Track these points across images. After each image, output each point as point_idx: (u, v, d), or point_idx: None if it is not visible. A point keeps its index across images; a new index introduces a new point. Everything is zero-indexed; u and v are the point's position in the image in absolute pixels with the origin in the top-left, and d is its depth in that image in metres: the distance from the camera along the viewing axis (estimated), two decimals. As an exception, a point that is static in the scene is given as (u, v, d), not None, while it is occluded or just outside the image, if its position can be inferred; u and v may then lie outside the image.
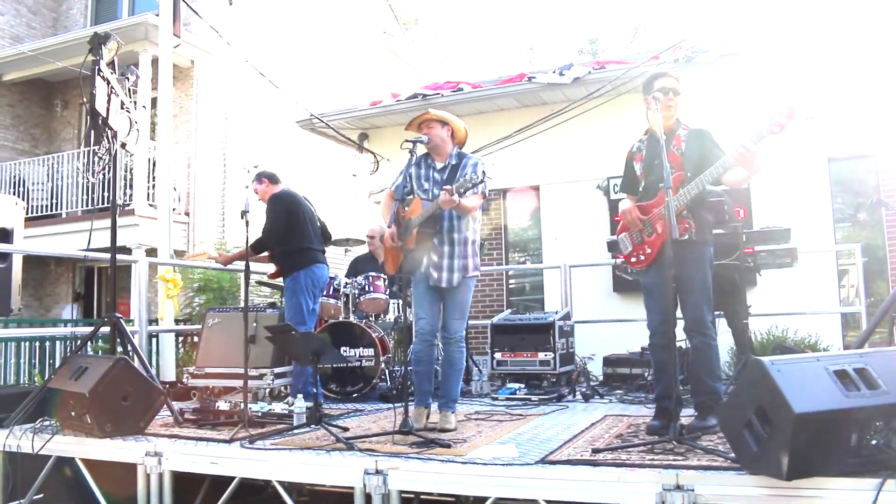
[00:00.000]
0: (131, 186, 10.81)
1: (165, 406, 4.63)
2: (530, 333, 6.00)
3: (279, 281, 5.77)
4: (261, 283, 7.87)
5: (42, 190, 11.75)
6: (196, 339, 7.48)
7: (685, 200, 3.81)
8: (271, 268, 5.61)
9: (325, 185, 13.41)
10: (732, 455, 3.09)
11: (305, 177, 12.07)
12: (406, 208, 4.04)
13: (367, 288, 6.21)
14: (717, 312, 4.81)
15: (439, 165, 4.31)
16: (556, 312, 6.27)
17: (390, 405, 5.31)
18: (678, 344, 4.14)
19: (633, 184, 4.12)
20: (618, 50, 24.34)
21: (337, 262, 11.33)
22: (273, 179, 5.47)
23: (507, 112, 9.33)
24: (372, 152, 10.22)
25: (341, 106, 10.88)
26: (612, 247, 5.73)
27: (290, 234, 5.28)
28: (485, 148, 8.77)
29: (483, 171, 3.92)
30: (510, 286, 9.66)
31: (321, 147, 13.03)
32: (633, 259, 4.01)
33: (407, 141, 4.17)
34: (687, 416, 4.05)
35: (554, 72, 8.72)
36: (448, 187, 3.91)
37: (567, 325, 6.20)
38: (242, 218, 4.51)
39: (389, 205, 4.37)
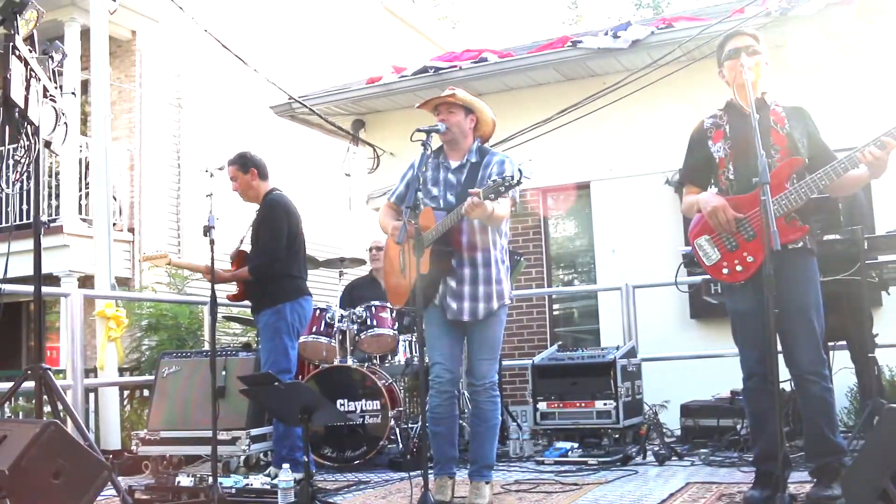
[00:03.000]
0: (58, 196, 10.92)
1: (110, 483, 4.63)
2: (584, 376, 5.98)
3: (245, 305, 5.79)
4: (230, 319, 7.89)
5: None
6: (147, 393, 7.49)
7: (800, 197, 3.77)
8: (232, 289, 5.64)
9: (310, 189, 13.50)
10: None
11: (285, 178, 12.12)
12: (413, 222, 4.05)
13: (368, 322, 6.21)
14: (830, 343, 4.75)
15: (454, 164, 4.33)
16: (617, 348, 6.23)
17: (404, 475, 5.28)
18: (781, 385, 4.08)
19: (704, 172, 4.08)
20: (689, 3, 24.34)
21: (328, 288, 11.38)
22: (263, 171, 5.53)
23: (546, 88, 9.33)
24: (370, 144, 10.25)
25: (329, 85, 10.95)
26: (690, 261, 5.69)
27: (287, 254, 5.33)
28: (517, 136, 8.79)
29: (519, 170, 3.93)
30: (554, 314, 9.63)
31: (305, 140, 13.11)
32: (723, 271, 3.95)
33: (419, 130, 4.17)
34: (797, 482, 3.98)
35: (606, 33, 8.74)
36: (476, 190, 3.91)
37: (632, 364, 6.16)
38: (206, 235, 4.51)
39: (389, 217, 4.40)
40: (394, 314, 6.28)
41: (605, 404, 5.88)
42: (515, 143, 8.78)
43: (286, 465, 4.58)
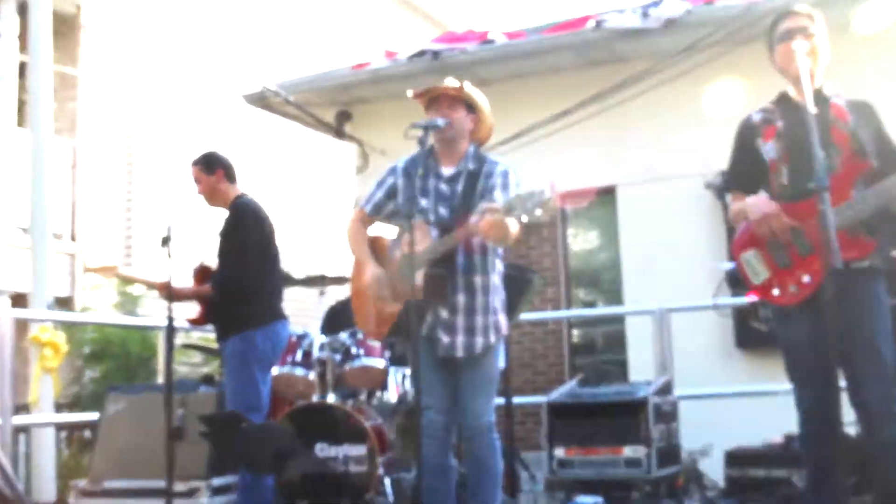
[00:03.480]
0: (-12, 200, 10.94)
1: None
2: (609, 417, 5.96)
3: (208, 329, 5.78)
4: (190, 347, 7.87)
5: None
6: (89, 435, 7.47)
7: (866, 207, 3.76)
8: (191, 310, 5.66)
9: (286, 193, 13.50)
10: None
11: (257, 181, 12.13)
12: (393, 241, 4.08)
13: (354, 350, 6.20)
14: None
15: (447, 171, 4.36)
16: (649, 383, 6.21)
17: (394, 534, 5.27)
18: (846, 429, 4.07)
19: (752, 175, 4.07)
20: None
21: (307, 310, 11.33)
22: (230, 173, 5.56)
23: (564, 75, 9.34)
24: (357, 141, 10.27)
25: (310, 71, 10.99)
26: (734, 280, 5.68)
27: (258, 270, 5.34)
28: (529, 130, 8.80)
29: (543, 194, 3.90)
30: (574, 341, 9.61)
31: (281, 136, 13.14)
32: (774, 292, 3.94)
33: (415, 126, 4.19)
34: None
35: (634, 11, 8.76)
36: (494, 204, 3.93)
37: (667, 402, 6.14)
38: (164, 246, 4.52)
39: (361, 232, 4.45)
40: (383, 342, 6.27)
41: (634, 451, 5.85)
42: (528, 140, 8.80)
43: (255, 522, 4.57)
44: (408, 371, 6.31)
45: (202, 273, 5.63)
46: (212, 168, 5.55)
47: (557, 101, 8.97)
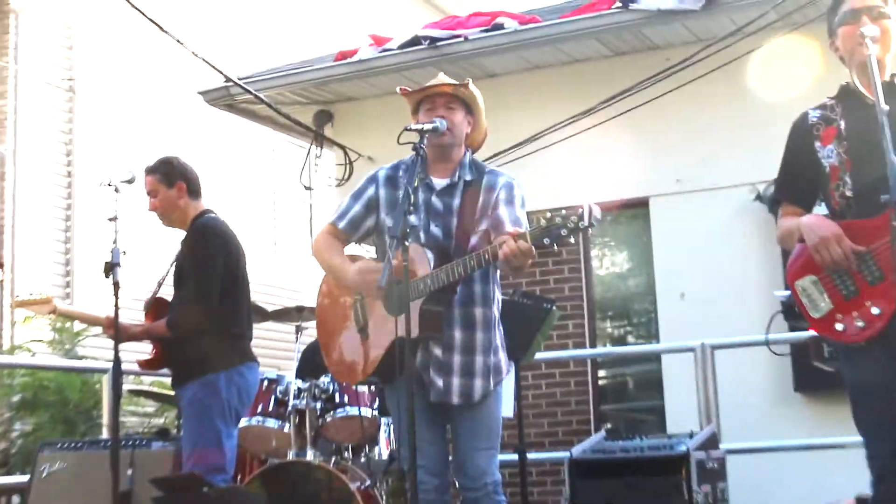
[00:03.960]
0: None
1: None
2: (644, 475, 5.92)
3: (163, 373, 5.75)
4: (141, 394, 7.85)
5: None
6: (17, 501, 7.43)
7: None
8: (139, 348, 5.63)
9: (256, 209, 13.50)
10: None
11: (220, 195, 12.13)
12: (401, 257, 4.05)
13: (337, 397, 6.20)
14: None
15: (440, 182, 4.36)
16: (691, 435, 6.19)
17: None
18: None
19: (809, 185, 4.03)
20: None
21: (281, 350, 11.33)
22: (194, 186, 5.54)
23: (585, 67, 9.36)
24: (340, 145, 10.26)
25: (282, 63, 10.99)
26: (791, 311, 5.65)
27: (223, 302, 5.32)
28: (545, 133, 8.79)
29: (590, 209, 3.92)
30: (600, 384, 9.60)
31: (249, 142, 13.14)
32: (837, 326, 3.91)
33: (410, 129, 4.19)
34: None
35: (669, -10, 8.79)
36: (519, 231, 3.93)
37: (713, 458, 6.10)
38: (108, 275, 4.51)
39: (335, 248, 4.45)
40: (373, 387, 6.26)
41: (673, 516, 5.82)
42: (542, 145, 8.79)
43: None
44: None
45: (156, 307, 5.61)
46: (172, 179, 5.52)
47: (578, 97, 8.98)
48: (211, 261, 5.37)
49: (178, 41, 9.01)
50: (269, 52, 13.14)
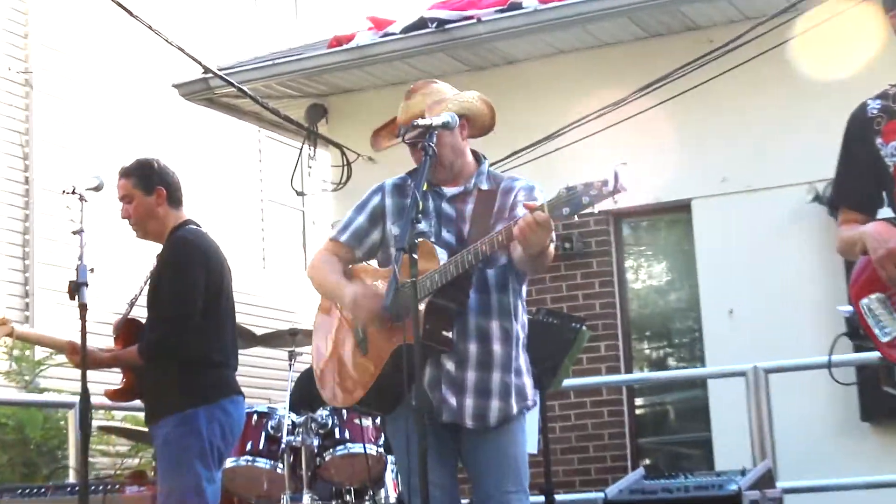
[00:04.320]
0: None
1: None
2: (689, 519, 5.92)
3: (136, 406, 5.73)
4: (111, 431, 7.84)
5: None
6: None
7: None
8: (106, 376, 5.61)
9: (239, 218, 13.49)
10: None
11: (199, 202, 12.12)
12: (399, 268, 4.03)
13: (337, 433, 6.20)
14: None
15: (451, 191, 4.35)
16: (743, 472, 6.17)
17: None
18: None
19: (869, 187, 4.00)
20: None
21: (272, 379, 11.32)
22: (175, 194, 5.49)
23: (616, 51, 9.37)
24: (337, 145, 10.25)
25: (269, 50, 10.99)
26: (855, 331, 5.63)
27: (204, 325, 5.30)
28: (571, 128, 8.78)
29: (615, 175, 3.85)
30: (638, 415, 9.61)
31: (231, 140, 13.13)
32: (908, 350, 3.90)
33: (417, 125, 4.16)
34: None
35: (711, -40, 8.78)
36: (536, 203, 3.90)
37: (769, 498, 6.08)
38: (74, 296, 4.49)
39: (333, 265, 4.46)
40: (377, 420, 6.25)
41: (724, 566, 5.81)
42: (567, 142, 8.78)
43: None
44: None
45: (127, 330, 5.58)
46: (150, 184, 5.48)
47: (608, 87, 8.99)
48: (190, 278, 5.34)
49: (150, 27, 8.96)
50: (254, 38, 13.18)
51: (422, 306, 4.04)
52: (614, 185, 3.78)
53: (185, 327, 5.29)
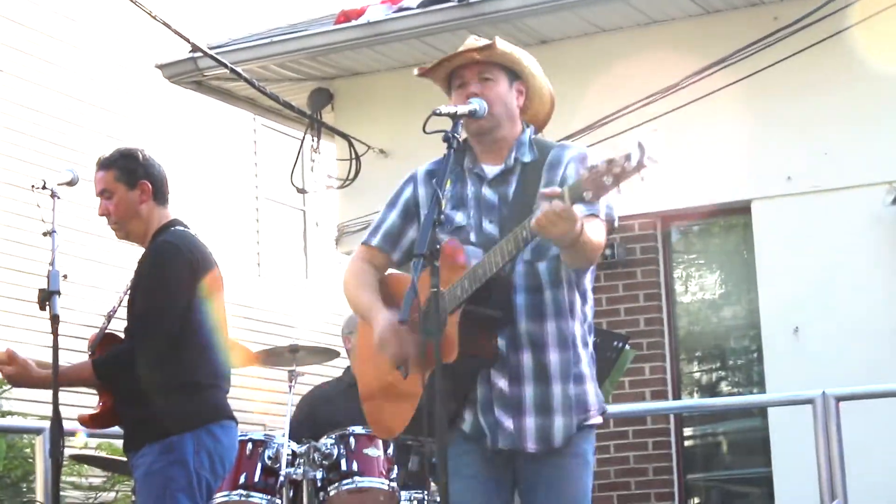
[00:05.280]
0: None
1: None
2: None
3: (114, 433, 5.74)
4: (85, 461, 7.89)
5: None
6: None
7: None
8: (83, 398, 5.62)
9: (232, 218, 13.52)
10: None
11: (185, 199, 12.07)
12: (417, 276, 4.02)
13: (344, 464, 6.20)
14: None
15: (493, 170, 4.30)
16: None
17: None
18: None
19: None
20: None
21: (270, 402, 11.27)
22: (161, 190, 5.47)
23: (666, 30, 9.42)
24: (344, 135, 10.27)
25: (265, 27, 11.02)
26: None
27: (190, 341, 5.30)
28: (614, 117, 8.80)
29: (640, 147, 3.75)
30: (686, 445, 9.63)
31: (222, 129, 13.16)
32: None
33: (439, 113, 4.14)
34: None
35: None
36: (555, 189, 3.85)
37: (838, 544, 6.10)
38: (44, 307, 4.52)
39: (366, 274, 4.44)
40: (389, 449, 6.28)
41: None
42: (610, 133, 8.75)
43: None
44: (429, 495, 6.31)
45: (105, 347, 5.61)
46: (134, 177, 5.45)
47: (658, 71, 9.04)
48: (173, 285, 5.33)
49: (132, 0, 9.05)
50: (250, 12, 13.21)
51: (456, 318, 4.06)
52: (640, 158, 3.61)
53: (168, 342, 5.31)
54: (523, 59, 4.34)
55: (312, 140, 10.67)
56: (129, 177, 5.46)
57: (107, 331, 5.66)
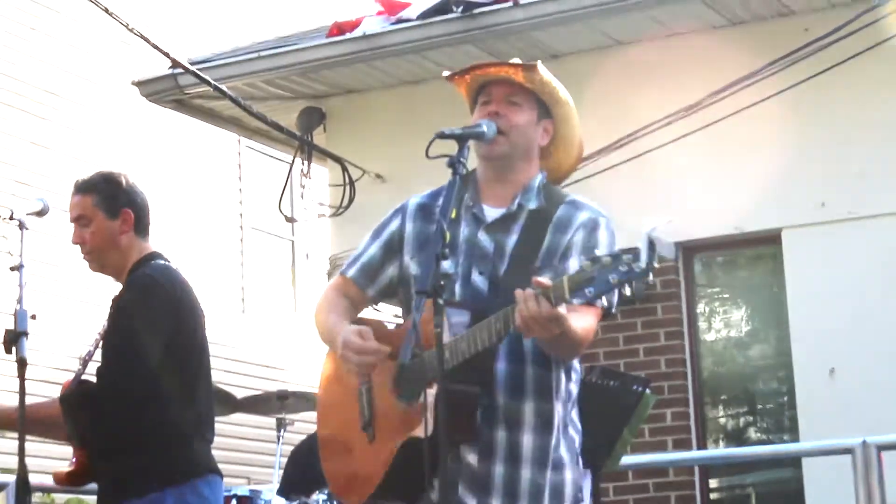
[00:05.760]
0: None
1: None
2: None
3: (89, 490, 5.73)
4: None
5: None
6: None
7: None
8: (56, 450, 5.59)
9: (213, 250, 13.53)
10: None
11: (162, 229, 12.06)
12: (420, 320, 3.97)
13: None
14: None
15: (493, 212, 4.26)
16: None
17: None
18: None
19: None
20: None
21: (258, 453, 11.26)
22: (143, 219, 5.44)
23: (689, 43, 9.40)
24: (336, 158, 10.27)
25: (252, 41, 11.02)
26: None
27: (172, 387, 5.27)
28: (628, 140, 8.79)
29: (649, 243, 3.67)
30: (712, 498, 9.61)
31: (204, 151, 13.18)
32: None
33: (444, 134, 4.10)
34: None
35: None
36: (544, 280, 3.81)
37: None
38: (10, 349, 4.50)
39: (342, 308, 4.42)
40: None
41: None
42: (626, 157, 8.78)
43: None
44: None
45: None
46: (115, 205, 5.42)
47: (678, 87, 9.06)
48: (152, 323, 5.31)
49: (106, 10, 9.03)
50: (235, 25, 13.23)
51: (432, 392, 3.96)
52: (648, 258, 3.51)
53: (146, 388, 5.27)
54: (562, 98, 4.31)
55: (302, 164, 10.66)
56: (110, 204, 5.40)
57: (82, 377, 5.62)
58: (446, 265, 3.91)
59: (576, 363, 4.31)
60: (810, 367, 9.02)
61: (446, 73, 4.44)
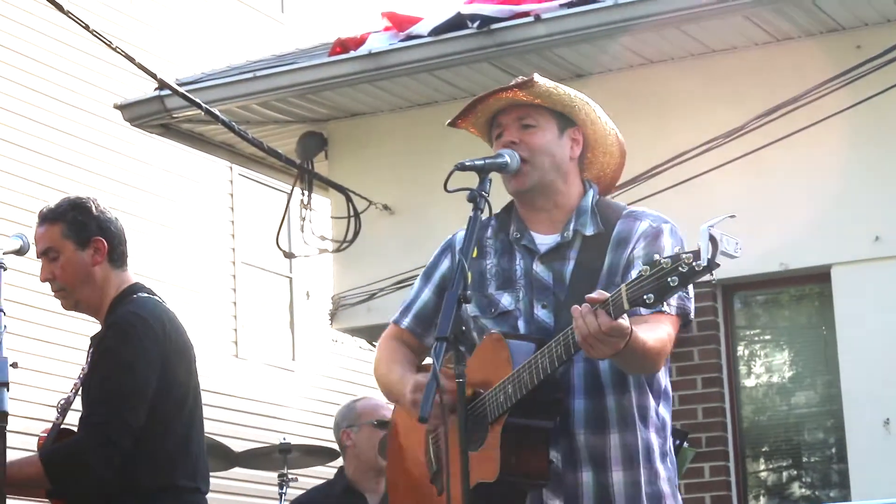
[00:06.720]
0: None
1: None
2: None
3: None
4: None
5: None
6: None
7: None
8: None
9: (204, 287, 13.55)
10: None
11: (146, 262, 12.12)
12: (452, 367, 3.98)
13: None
14: None
15: (545, 240, 4.26)
16: None
17: None
18: None
19: None
20: None
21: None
22: (118, 249, 5.38)
23: (727, 62, 9.45)
24: (340, 188, 10.27)
25: (246, 59, 11.06)
26: None
27: (160, 437, 5.27)
28: (661, 169, 8.80)
29: (712, 240, 3.65)
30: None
31: (194, 179, 13.21)
32: None
33: (464, 166, 4.10)
34: None
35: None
36: (599, 295, 3.81)
37: None
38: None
39: (405, 357, 4.41)
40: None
41: None
42: (659, 187, 8.78)
43: None
44: None
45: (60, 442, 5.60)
46: (85, 234, 5.38)
47: (715, 111, 9.11)
48: (140, 365, 5.28)
49: (87, 27, 9.03)
50: (227, 42, 13.27)
51: (499, 429, 3.99)
52: (711, 255, 3.52)
53: (130, 438, 5.27)
54: (575, 99, 4.29)
55: (302, 193, 10.70)
56: (80, 233, 5.31)
57: (61, 426, 5.61)
58: (506, 302, 4.09)
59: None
60: (863, 417, 9.02)
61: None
